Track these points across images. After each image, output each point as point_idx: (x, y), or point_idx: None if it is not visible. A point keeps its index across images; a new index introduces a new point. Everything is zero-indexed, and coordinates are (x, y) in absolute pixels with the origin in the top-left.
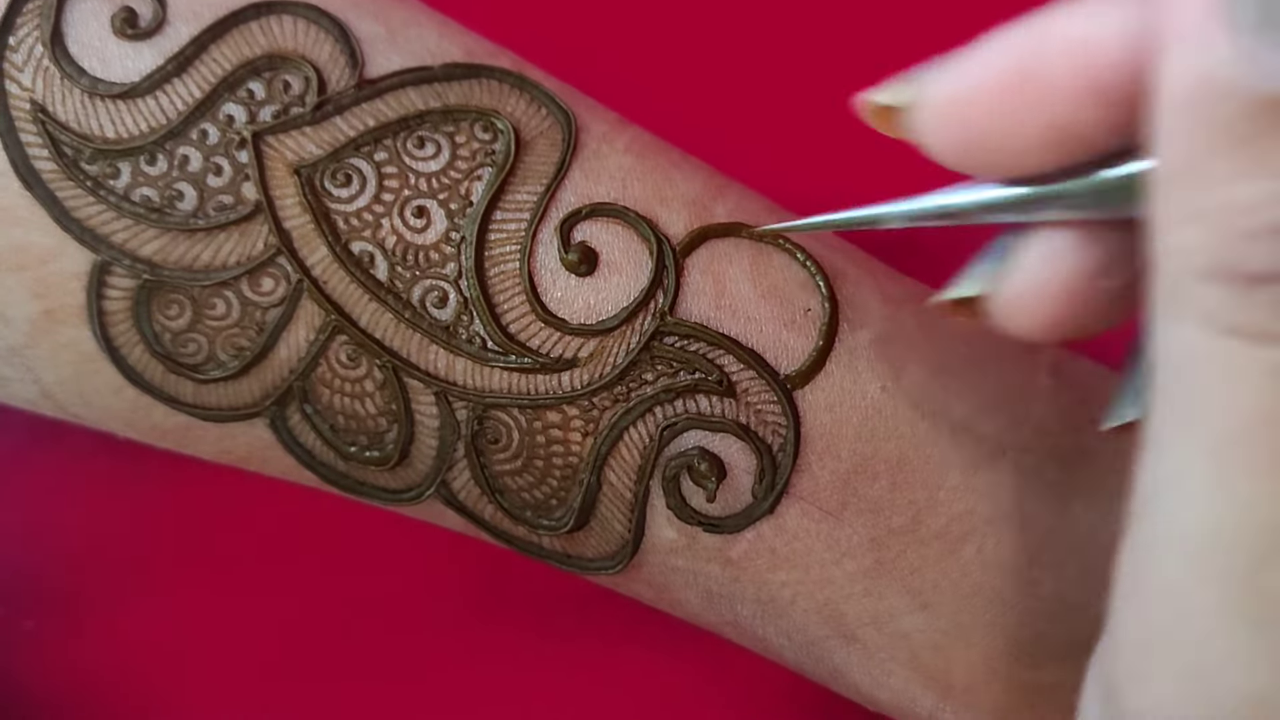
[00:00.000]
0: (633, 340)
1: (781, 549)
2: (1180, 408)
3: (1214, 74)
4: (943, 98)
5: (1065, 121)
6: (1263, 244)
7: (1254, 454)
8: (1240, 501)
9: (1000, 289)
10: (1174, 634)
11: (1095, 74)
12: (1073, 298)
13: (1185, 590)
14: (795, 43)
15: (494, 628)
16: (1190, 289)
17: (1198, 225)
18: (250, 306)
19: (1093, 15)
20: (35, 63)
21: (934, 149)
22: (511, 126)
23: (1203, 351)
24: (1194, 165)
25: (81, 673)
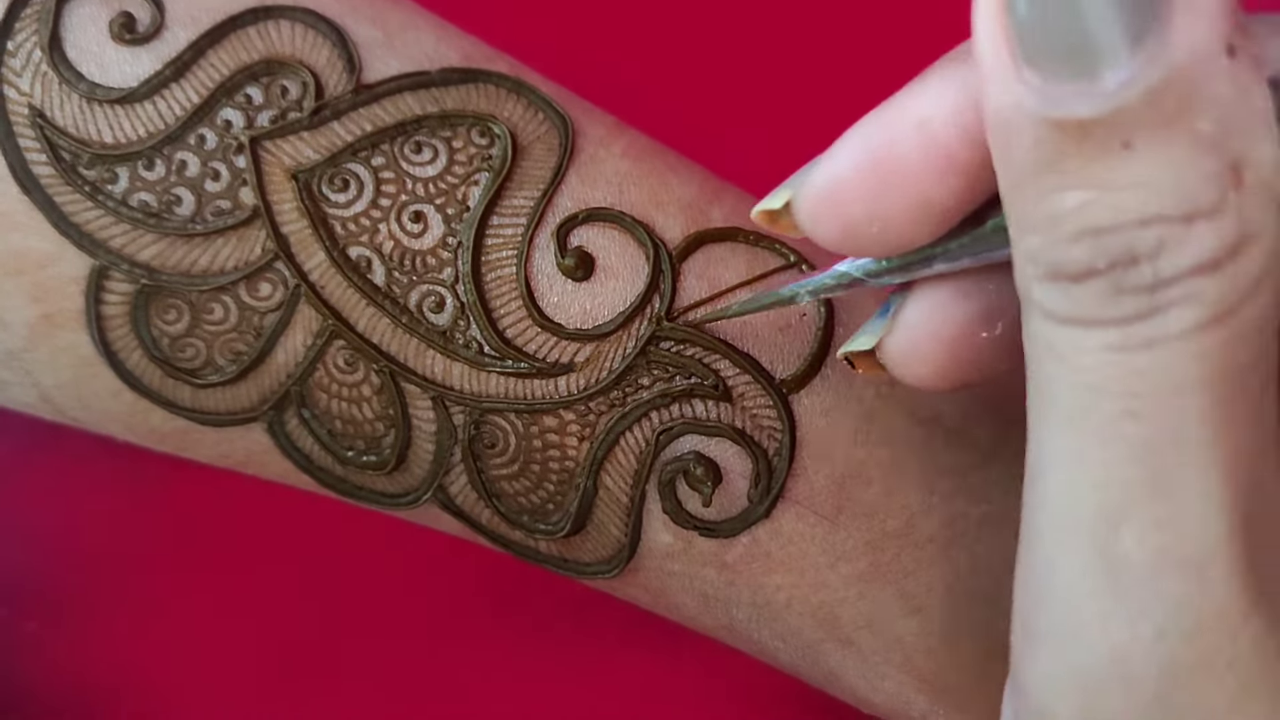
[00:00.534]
0: (629, 345)
1: (777, 553)
2: (1040, 395)
3: (1014, 106)
4: (815, 194)
5: (926, 196)
6: (1080, 246)
7: (1095, 421)
8: (1090, 466)
9: (888, 342)
10: (1049, 603)
11: (941, 148)
12: (954, 347)
13: (1055, 559)
14: (792, 46)
15: (491, 631)
16: (1034, 291)
17: (1031, 237)
18: (248, 311)
19: (929, 94)
20: (34, 68)
21: (819, 239)
22: (508, 131)
23: (1047, 341)
24: (1020, 186)
25: (83, 675)
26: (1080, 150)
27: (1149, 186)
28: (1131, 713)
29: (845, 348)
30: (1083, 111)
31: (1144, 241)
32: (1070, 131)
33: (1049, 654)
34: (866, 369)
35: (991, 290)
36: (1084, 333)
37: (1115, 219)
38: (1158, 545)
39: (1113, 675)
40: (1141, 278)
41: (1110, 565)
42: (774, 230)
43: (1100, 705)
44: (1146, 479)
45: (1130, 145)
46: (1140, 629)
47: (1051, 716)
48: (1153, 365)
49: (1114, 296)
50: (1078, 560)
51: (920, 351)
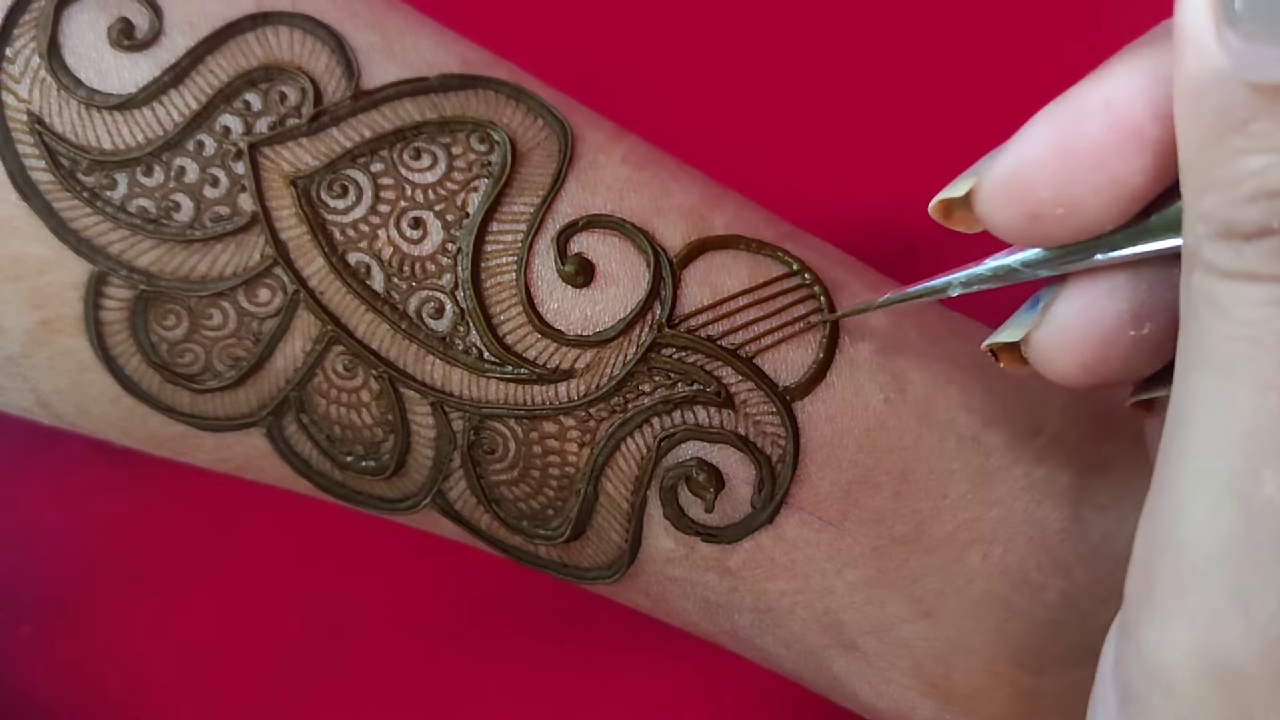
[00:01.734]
0: (630, 352)
1: (780, 559)
2: (1193, 348)
3: (1209, 69)
4: (1002, 179)
5: (1114, 176)
6: (1256, 207)
7: (1251, 372)
8: (1239, 414)
9: (1037, 336)
10: (1176, 550)
11: (1128, 127)
12: (1103, 345)
13: (1189, 505)
14: (794, 52)
15: (492, 634)
16: (1202, 249)
17: (1209, 197)
18: (247, 317)
19: (1116, 74)
20: (32, 74)
21: (1000, 227)
22: (508, 138)
23: (1208, 295)
24: (1203, 148)
25: (79, 677)
26: (1272, 114)
27: None
28: (1252, 656)
29: (991, 339)
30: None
31: None
32: (1265, 95)
33: (1169, 598)
34: (1009, 363)
35: (1144, 289)
36: (1250, 287)
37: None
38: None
39: (1236, 618)
40: None
41: (1248, 510)
42: (947, 224)
43: (1219, 647)
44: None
45: None
46: (1273, 572)
47: (1165, 661)
48: None
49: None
50: (1214, 505)
51: (1069, 346)
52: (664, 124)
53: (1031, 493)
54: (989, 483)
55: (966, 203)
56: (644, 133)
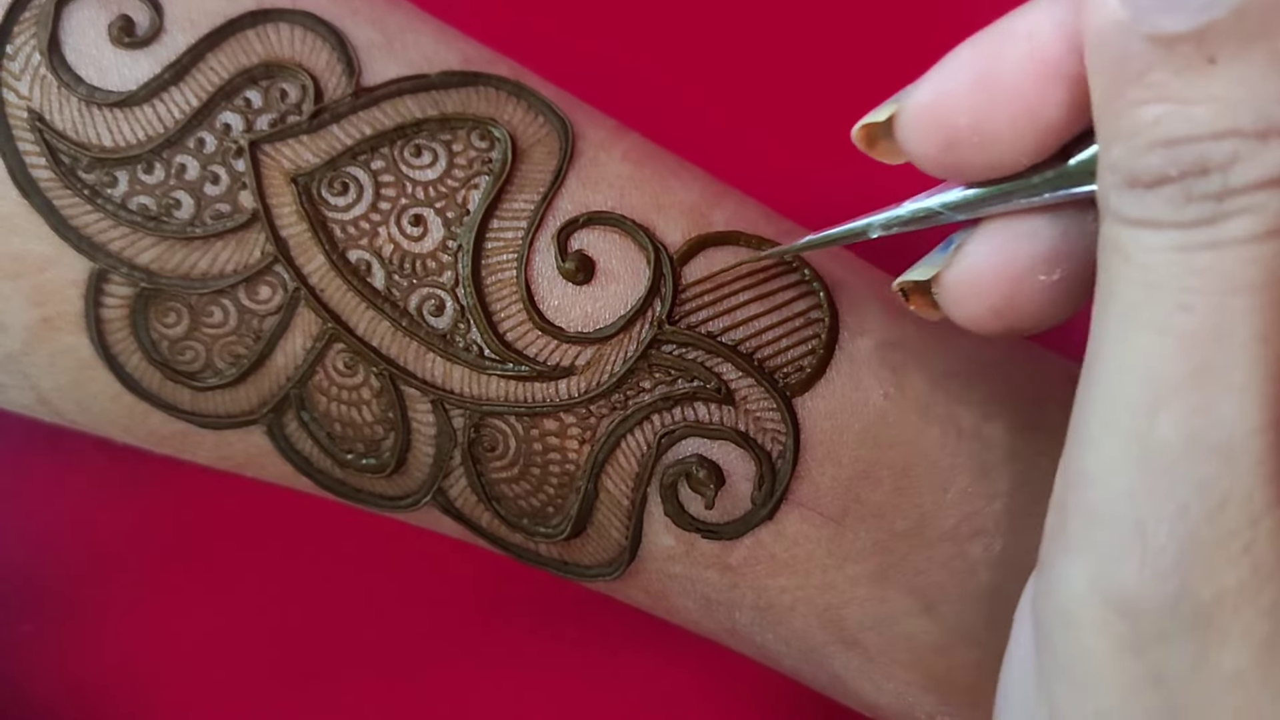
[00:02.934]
0: (630, 348)
1: (781, 555)
2: (1104, 294)
3: (1110, 20)
4: (922, 105)
5: (1031, 107)
6: (1155, 156)
7: (1150, 314)
8: (1139, 355)
9: (947, 275)
10: (1082, 485)
11: (1047, 59)
12: (1011, 288)
13: (1095, 443)
14: (793, 49)
15: (492, 631)
16: (1110, 197)
17: (1115, 147)
18: (247, 314)
19: (1038, 9)
20: (32, 71)
21: (918, 154)
22: (508, 135)
23: (1115, 243)
24: (1110, 99)
25: (80, 676)
26: (1166, 64)
27: (1227, 101)
28: (1145, 585)
29: (902, 278)
30: (1172, 26)
31: (1217, 153)
32: (1159, 45)
33: (1077, 532)
34: (919, 304)
35: (1057, 235)
36: (1151, 233)
37: (1191, 130)
38: (1192, 429)
39: (1133, 549)
40: (1210, 186)
41: (1145, 447)
42: (871, 153)
43: (1117, 577)
44: (1191, 369)
45: (1214, 60)
46: (1165, 505)
47: (1070, 592)
48: (1211, 265)
49: (1183, 202)
50: (1116, 443)
51: (978, 287)
52: (664, 121)
53: (1033, 486)
54: (990, 476)
55: (889, 130)
56: (645, 130)
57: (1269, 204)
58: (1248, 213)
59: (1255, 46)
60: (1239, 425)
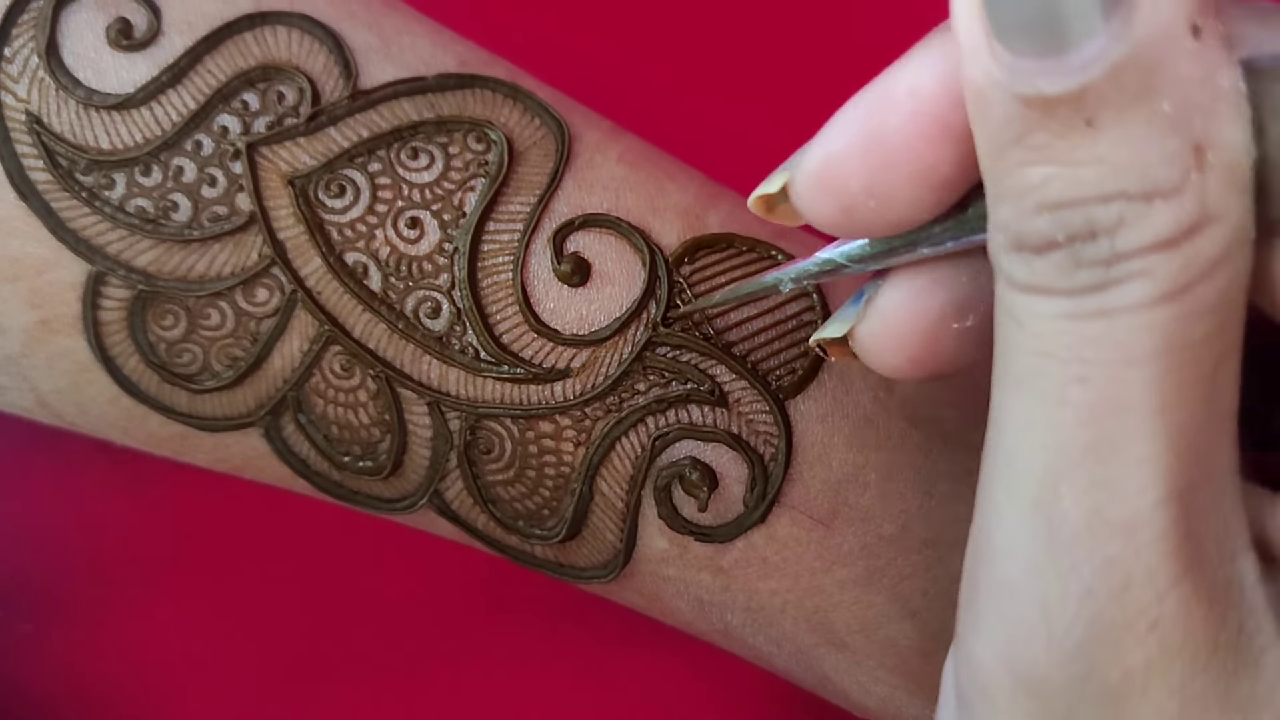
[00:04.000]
0: (625, 350)
1: (772, 558)
2: (1000, 360)
3: (987, 81)
4: (812, 173)
5: (922, 165)
6: (1042, 219)
7: (1045, 385)
8: (1037, 428)
9: (860, 330)
10: (989, 560)
11: (932, 116)
12: (927, 336)
13: (1000, 517)
14: (789, 50)
15: (490, 631)
16: (1000, 260)
17: (1002, 207)
18: (244, 317)
19: (918, 63)
20: (31, 74)
21: (817, 221)
22: (505, 137)
23: (1008, 307)
24: (993, 158)
25: (80, 676)
26: (1045, 126)
27: (1110, 164)
28: (1053, 666)
29: (817, 335)
30: (1048, 88)
31: (1104, 217)
32: (1037, 107)
33: (984, 608)
34: (838, 356)
35: (965, 281)
36: (1041, 300)
37: (1076, 194)
38: (1093, 505)
39: (1039, 628)
40: (1099, 251)
41: (1048, 523)
42: (769, 219)
43: (1024, 656)
44: (1089, 442)
45: (1093, 123)
46: (1069, 585)
47: (982, 667)
48: (1104, 335)
49: (1072, 268)
50: (1019, 518)
51: (893, 339)
52: (661, 122)
53: None
54: (973, 482)
55: (785, 196)
56: (642, 131)
57: (1159, 268)
58: (1138, 278)
59: (1135, 108)
60: (1140, 500)
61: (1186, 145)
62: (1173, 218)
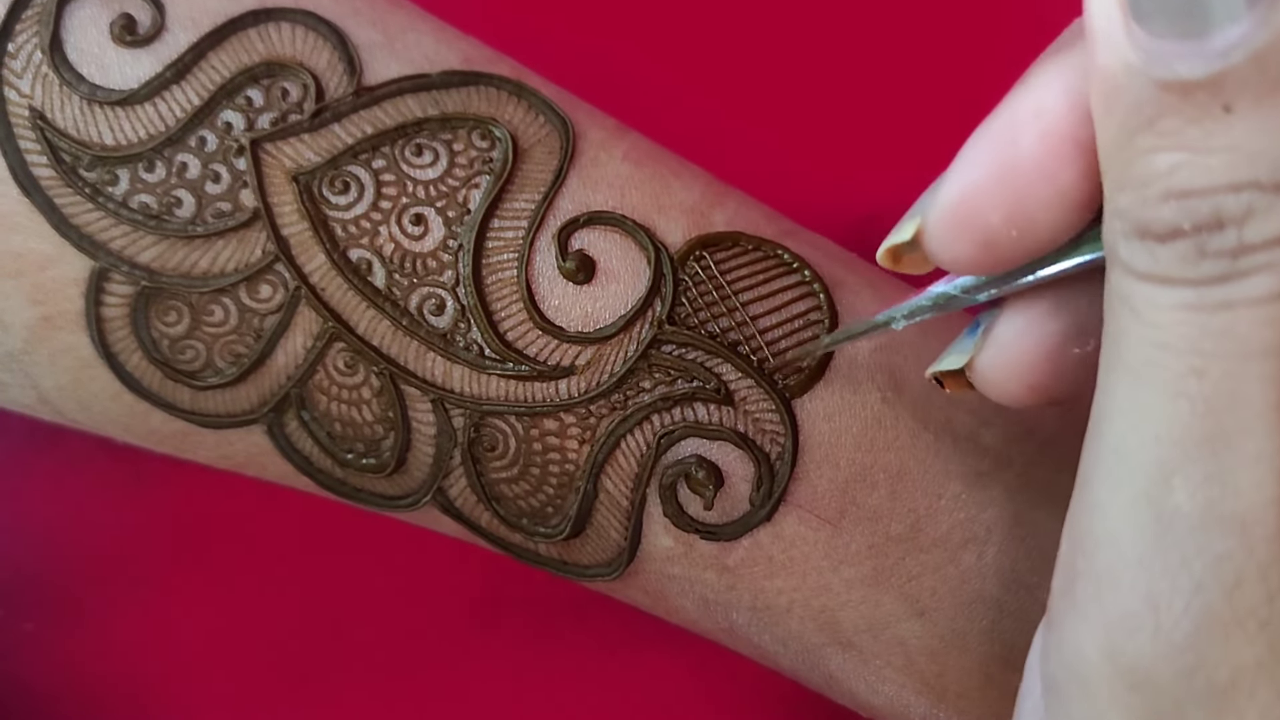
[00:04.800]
0: (630, 348)
1: (779, 556)
2: (1112, 348)
3: (1120, 64)
4: (948, 211)
5: (1059, 186)
6: (1168, 207)
7: (1162, 377)
8: (1151, 419)
9: (980, 360)
10: (1093, 548)
11: (1063, 133)
12: (1048, 364)
13: (1106, 506)
14: (796, 48)
15: (492, 630)
16: (1119, 247)
17: (1123, 194)
18: (248, 313)
19: (1038, 84)
20: (34, 69)
21: (953, 260)
22: (509, 134)
23: (1124, 296)
24: (1119, 145)
25: (81, 674)
26: (1180, 111)
27: (1244, 152)
28: (1159, 659)
29: (934, 368)
30: (1187, 72)
31: (1233, 207)
32: (1173, 92)
33: (1087, 596)
34: (955, 388)
35: (1084, 306)
36: (1162, 290)
37: (1206, 182)
38: (1207, 499)
39: (1146, 621)
40: (1225, 242)
41: (1159, 515)
42: (897, 269)
43: (1129, 648)
44: (1204, 435)
45: (1231, 109)
46: (1180, 579)
47: (1081, 657)
48: (1224, 327)
49: (1196, 258)
50: (1128, 508)
51: (1012, 368)
52: (667, 120)
53: (1026, 494)
54: (984, 483)
55: (915, 245)
56: (647, 128)
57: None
58: (1263, 271)
59: (1275, 95)
60: (1254, 496)
61: None
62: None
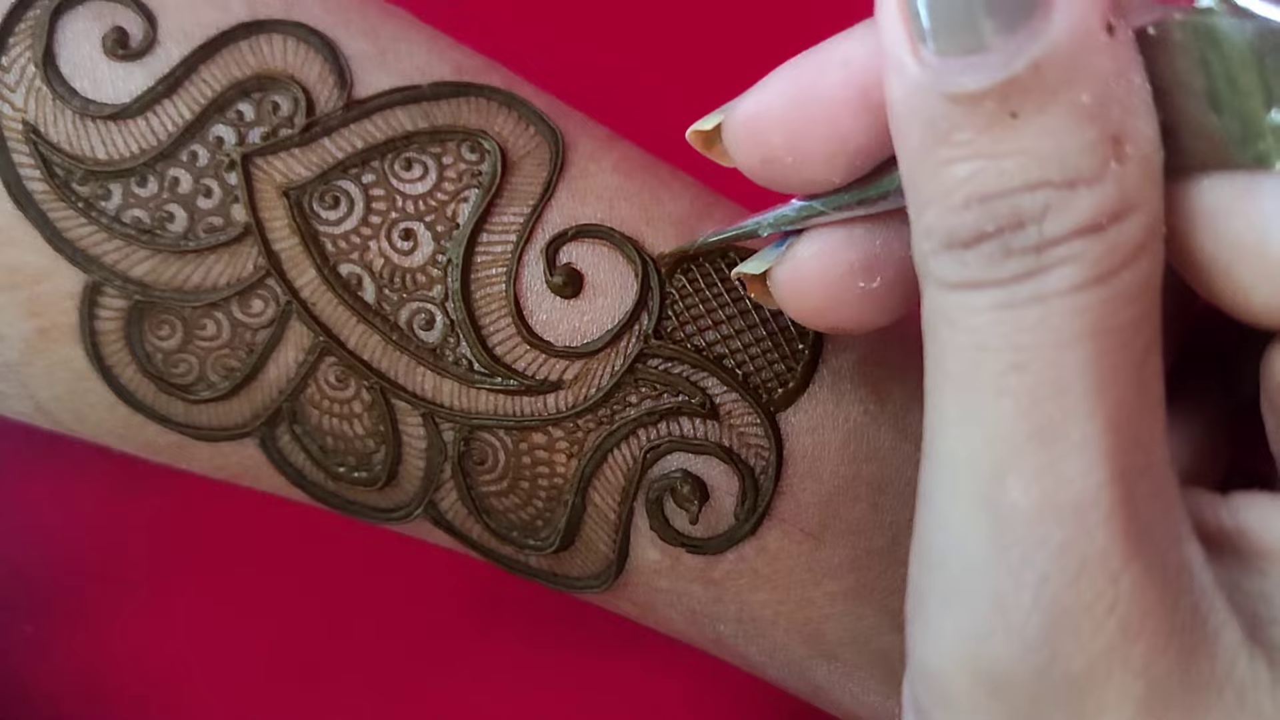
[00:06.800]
0: (617, 363)
1: (763, 570)
2: (935, 365)
3: (912, 84)
4: (741, 120)
5: (841, 132)
6: (970, 213)
7: (983, 378)
8: (978, 422)
9: (776, 271)
10: (938, 563)
11: (860, 86)
12: (832, 291)
13: (945, 518)
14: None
15: (487, 636)
16: (930, 265)
17: (929, 210)
18: (240, 327)
19: (858, 37)
20: (27, 83)
21: (741, 165)
22: (498, 147)
23: (940, 310)
24: (920, 162)
25: (81, 676)
26: (971, 122)
27: (1034, 153)
28: (1013, 660)
29: (740, 267)
30: (973, 84)
31: (1030, 205)
32: (962, 104)
33: (936, 611)
34: (757, 294)
35: (877, 244)
36: (974, 294)
37: (1003, 184)
38: (1041, 492)
39: (997, 622)
40: (1028, 239)
41: (996, 515)
42: (707, 154)
43: (983, 654)
44: (1031, 429)
45: (1017, 115)
46: (1024, 575)
47: (939, 674)
48: (1038, 321)
49: (1002, 258)
50: (967, 515)
51: (802, 285)
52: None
53: None
54: None
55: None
56: (639, 134)
57: (1086, 252)
58: (1067, 262)
59: (1056, 99)
60: (1087, 480)
61: (1105, 135)
62: (1095, 203)
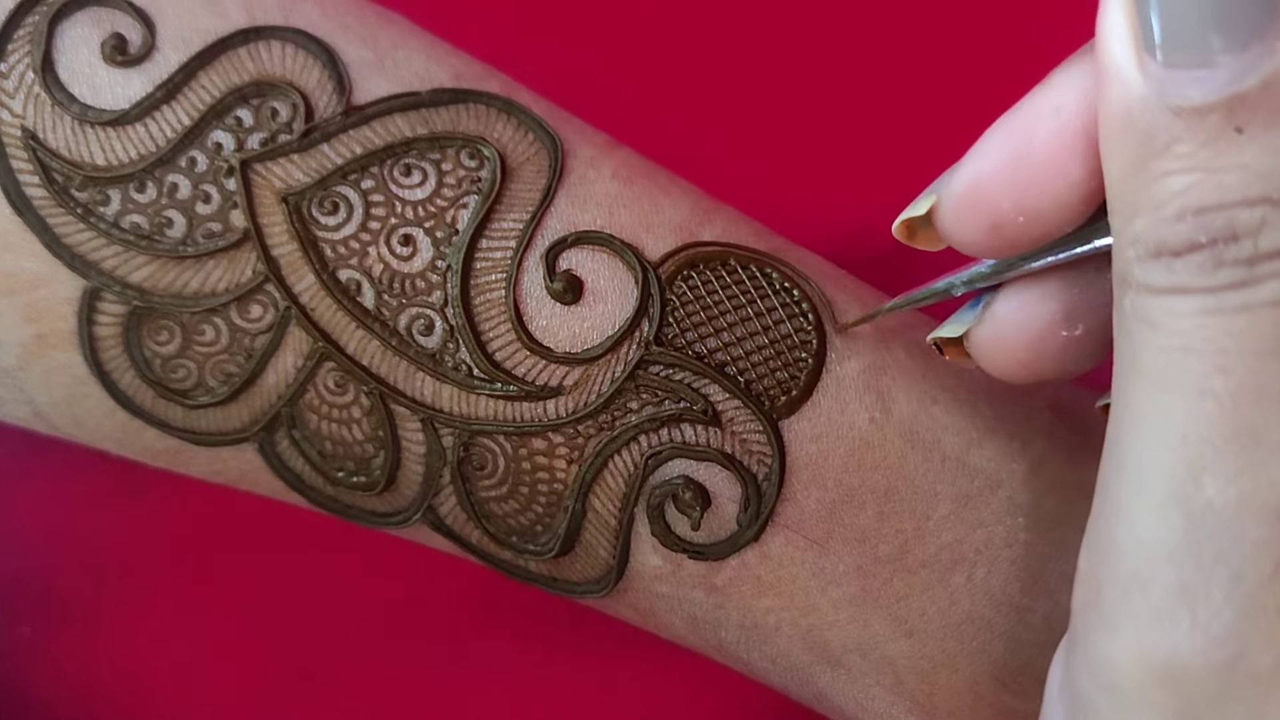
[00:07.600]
0: (618, 369)
1: (766, 576)
2: (1128, 366)
3: (1134, 95)
4: (961, 193)
5: (1069, 179)
6: (1185, 224)
7: (1185, 380)
8: (1176, 422)
9: (976, 333)
10: (1121, 558)
11: (1078, 129)
12: (1038, 344)
13: (1132, 515)
14: (789, 62)
15: (486, 638)
16: (1133, 271)
17: (1138, 219)
18: (239, 333)
19: (1060, 84)
20: (26, 89)
21: (963, 241)
22: (498, 153)
23: (1141, 313)
24: (1132, 173)
25: (78, 679)
26: (1192, 135)
27: (1255, 170)
28: (1196, 654)
29: (935, 333)
30: (1201, 98)
31: (1247, 220)
32: (1186, 117)
33: (1114, 602)
34: (953, 355)
35: (1076, 295)
36: (1181, 299)
37: (1220, 198)
38: (1239, 492)
39: (1182, 615)
40: (1241, 251)
41: (1189, 512)
42: (911, 244)
43: (1165, 645)
44: (1232, 431)
45: (1242, 130)
46: (1216, 572)
47: (1111, 665)
48: (1245, 328)
49: (1213, 267)
50: (1155, 510)
51: (1005, 345)
52: (659, 133)
53: (1015, 515)
54: (973, 505)
55: (929, 221)
56: (639, 141)
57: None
58: (1278, 276)
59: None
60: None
61: None
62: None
